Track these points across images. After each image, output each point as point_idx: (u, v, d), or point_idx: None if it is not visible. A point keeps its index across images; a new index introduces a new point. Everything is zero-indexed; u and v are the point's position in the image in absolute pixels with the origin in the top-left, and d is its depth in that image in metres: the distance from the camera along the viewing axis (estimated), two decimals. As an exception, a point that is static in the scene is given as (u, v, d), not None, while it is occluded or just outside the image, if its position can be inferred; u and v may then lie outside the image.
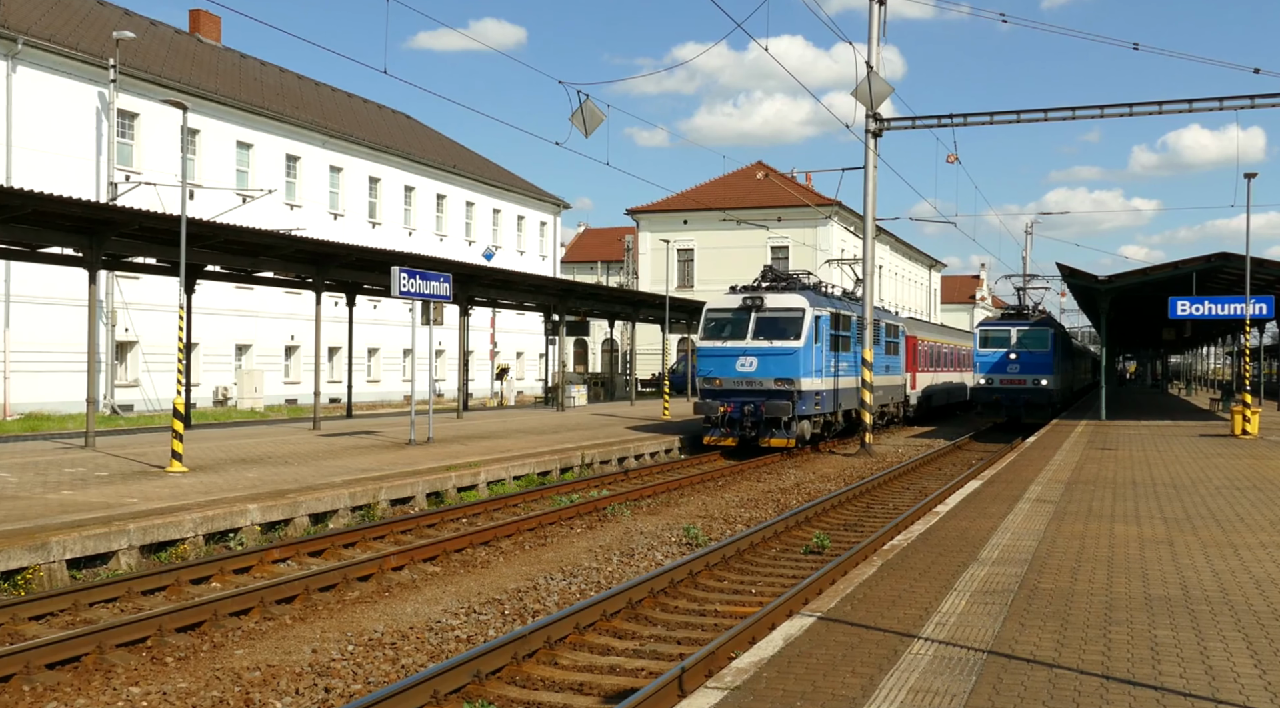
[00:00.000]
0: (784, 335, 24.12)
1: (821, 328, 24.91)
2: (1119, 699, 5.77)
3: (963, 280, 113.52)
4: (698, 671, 7.48)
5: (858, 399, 27.17)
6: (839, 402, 26.81)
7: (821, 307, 25.28)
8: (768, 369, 24.00)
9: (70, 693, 7.51)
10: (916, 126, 28.11)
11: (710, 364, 24.63)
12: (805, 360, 24.12)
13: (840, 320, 26.60)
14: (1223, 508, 13.53)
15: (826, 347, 25.30)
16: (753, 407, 23.89)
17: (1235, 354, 56.36)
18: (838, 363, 26.16)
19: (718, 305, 25.35)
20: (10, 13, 34.04)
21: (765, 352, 24.07)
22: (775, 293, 25.02)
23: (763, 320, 24.44)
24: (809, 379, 24.28)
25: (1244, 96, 25.75)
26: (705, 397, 24.64)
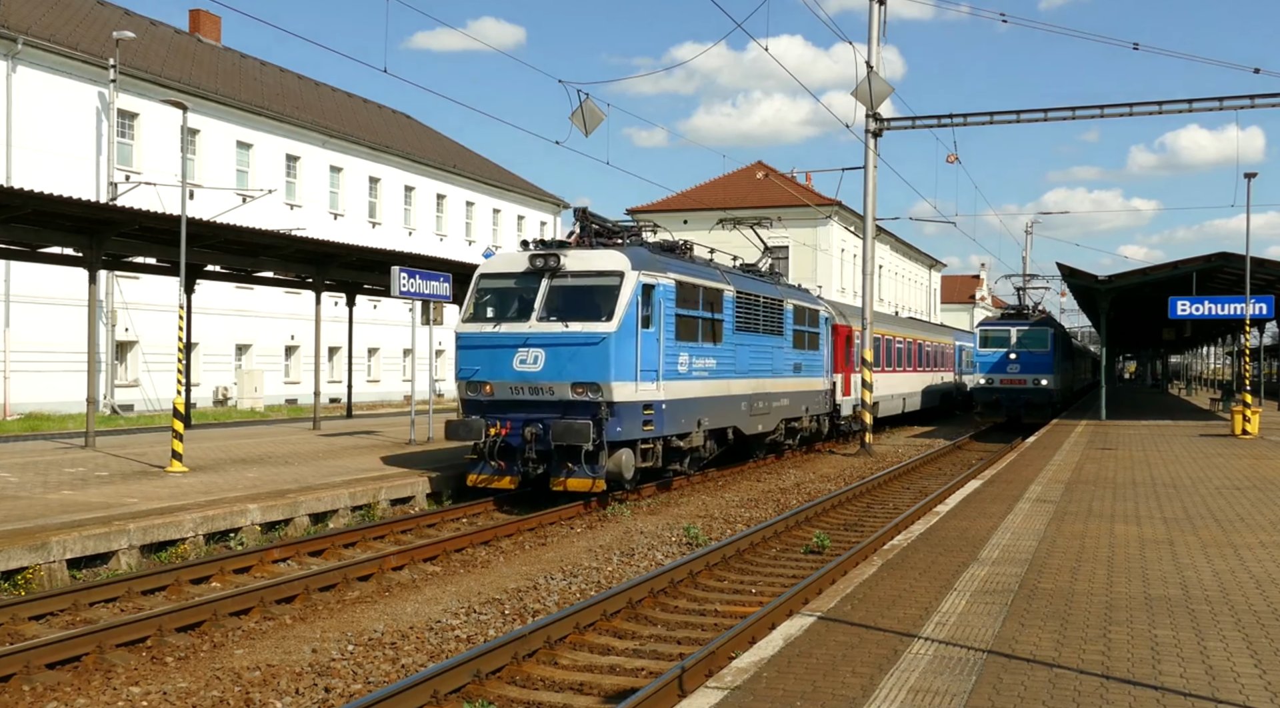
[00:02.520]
0: (589, 314, 15.47)
1: (657, 304, 16.27)
2: (1119, 699, 5.77)
3: (963, 280, 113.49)
4: (698, 670, 7.48)
5: (746, 411, 20.50)
6: (698, 417, 17.95)
7: (656, 270, 16.40)
8: (560, 368, 15.32)
9: (70, 693, 7.51)
10: (916, 126, 28.12)
11: (474, 361, 15.90)
12: (622, 353, 15.36)
13: (698, 295, 17.96)
14: (1223, 508, 13.53)
15: (668, 333, 16.68)
16: (539, 428, 15.39)
17: (1235, 354, 56.36)
18: (695, 358, 17.77)
19: (494, 269, 16.55)
20: (10, 13, 34.03)
21: (557, 340, 15.35)
22: (584, 249, 16.48)
23: (559, 291, 15.77)
24: (628, 384, 15.45)
25: (1244, 96, 25.76)
26: (469, 410, 16.09)
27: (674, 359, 16.95)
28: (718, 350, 18.90)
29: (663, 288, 16.56)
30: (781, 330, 22.76)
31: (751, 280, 21.67)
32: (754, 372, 20.75)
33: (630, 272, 15.72)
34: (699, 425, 18.06)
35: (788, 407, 23.29)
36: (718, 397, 18.93)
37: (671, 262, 17.45)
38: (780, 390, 22.61)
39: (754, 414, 20.90)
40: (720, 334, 19.04)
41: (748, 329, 20.46)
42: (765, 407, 21.56)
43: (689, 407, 17.61)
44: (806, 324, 24.81)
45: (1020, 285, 43.41)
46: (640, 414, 15.83)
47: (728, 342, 19.36)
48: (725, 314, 19.27)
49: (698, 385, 17.98)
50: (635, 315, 15.63)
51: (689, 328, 17.66)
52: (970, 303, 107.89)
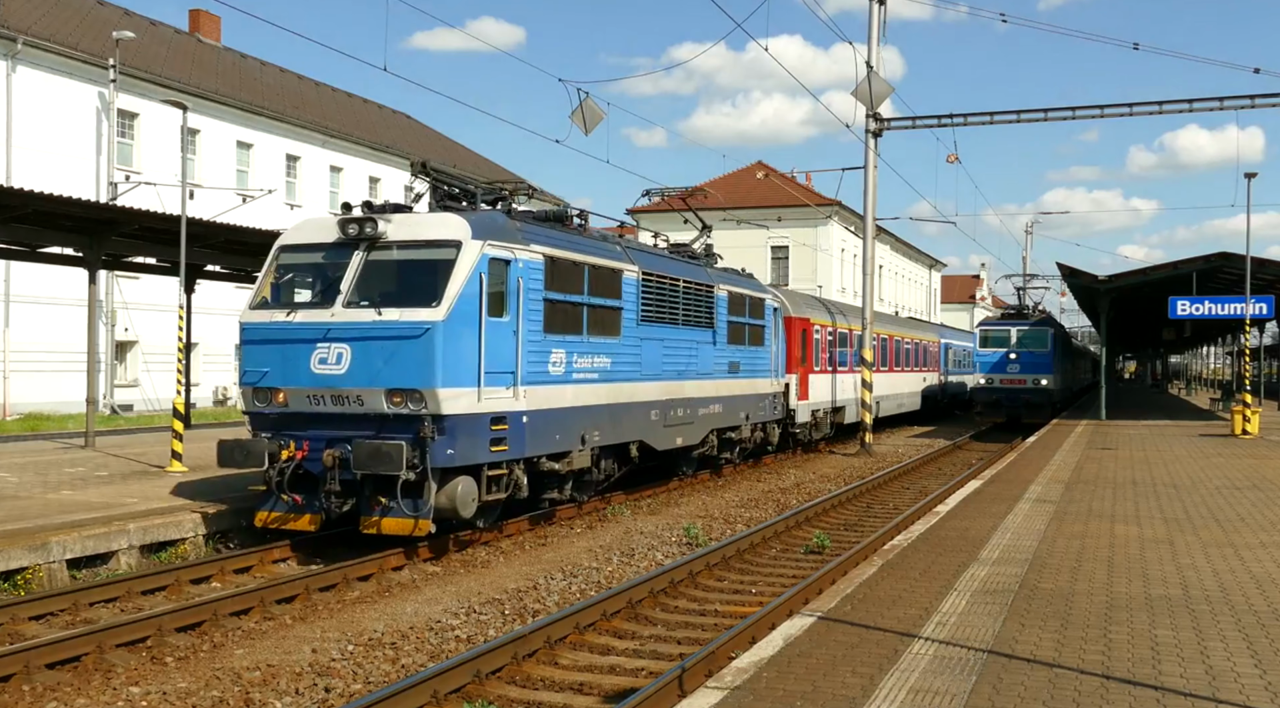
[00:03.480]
0: (411, 297, 11.82)
1: (514, 285, 12.52)
2: (1119, 699, 5.76)
3: (963, 280, 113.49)
4: (698, 670, 7.47)
5: (658, 421, 16.61)
6: (582, 431, 14.25)
7: (512, 241, 12.64)
8: (371, 370, 11.54)
9: (70, 693, 7.50)
10: (916, 126, 28.13)
11: (262, 360, 12.10)
12: (454, 350, 11.59)
13: (582, 276, 14.18)
14: (1223, 508, 13.53)
15: (533, 323, 12.95)
16: (344, 450, 11.61)
17: (1235, 354, 56.37)
18: (578, 357, 14.08)
19: (298, 239, 12.77)
20: (10, 13, 34.04)
21: (367, 332, 11.55)
22: (415, 213, 12.91)
23: (377, 268, 12.15)
24: (464, 391, 11.69)
25: (1244, 96, 25.77)
26: (256, 426, 12.41)
27: (542, 358, 13.11)
28: (614, 347, 15.03)
29: (524, 265, 12.66)
30: (711, 323, 18.98)
31: (666, 260, 17.66)
32: (669, 373, 16.97)
33: (470, 241, 11.82)
34: (583, 442, 14.24)
35: (720, 414, 19.43)
36: (613, 404, 15.00)
37: (540, 231, 13.50)
38: (708, 395, 18.82)
39: (670, 425, 17.08)
40: (618, 326, 15.19)
41: (660, 320, 16.57)
42: (686, 415, 17.76)
43: (567, 419, 13.72)
44: (748, 315, 21.01)
45: (1020, 285, 43.43)
46: (486, 431, 11.99)
47: (629, 336, 15.52)
48: (626, 301, 15.36)
49: (582, 392, 14.12)
50: (477, 300, 11.75)
51: (567, 318, 13.76)
52: (970, 303, 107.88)
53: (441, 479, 11.63)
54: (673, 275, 17.38)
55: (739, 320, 20.52)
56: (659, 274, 16.81)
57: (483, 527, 12.93)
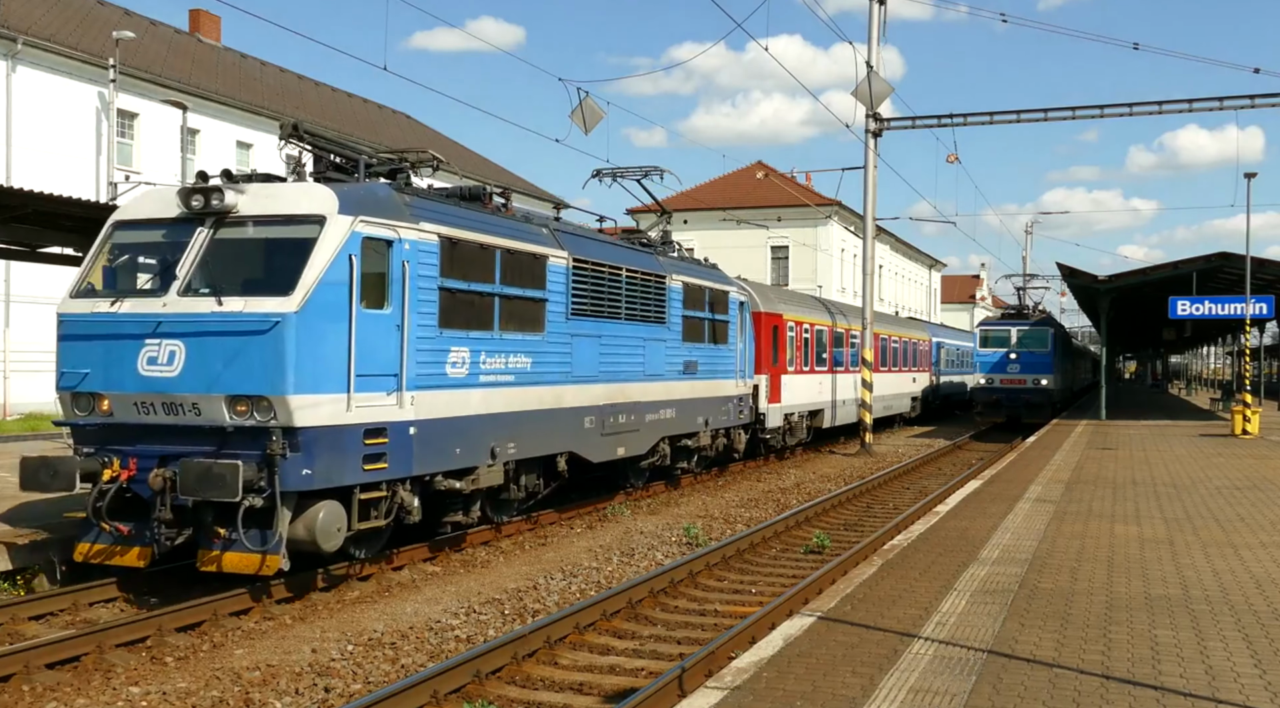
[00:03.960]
0: (262, 284, 9.96)
1: (398, 270, 10.65)
2: (1119, 699, 5.77)
3: (963, 280, 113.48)
4: (698, 670, 7.48)
5: (594, 428, 14.73)
6: (493, 442, 12.28)
7: (397, 218, 10.76)
8: (209, 372, 9.61)
9: (70, 693, 7.51)
10: (916, 126, 28.14)
11: (82, 359, 10.08)
12: (312, 348, 9.69)
13: (493, 261, 12.28)
14: (1223, 508, 13.53)
15: (425, 316, 11.04)
16: (174, 470, 9.56)
17: (1235, 354, 56.37)
18: (486, 356, 12.15)
19: (135, 214, 10.76)
20: (10, 13, 34.04)
21: (204, 326, 9.66)
22: (274, 183, 10.77)
23: (223, 249, 10.13)
24: (327, 397, 9.80)
25: (1244, 96, 25.78)
26: (76, 439, 10.40)
27: (437, 358, 11.20)
28: (536, 344, 13.07)
29: (413, 246, 10.77)
30: (663, 317, 16.84)
31: (606, 246, 15.55)
32: (608, 374, 14.98)
33: (337, 217, 9.89)
34: (493, 455, 12.17)
35: (673, 420, 17.37)
36: (534, 411, 13.00)
37: (436, 208, 11.47)
38: (658, 398, 16.75)
39: (609, 433, 15.07)
40: (541, 321, 13.22)
41: (597, 314, 14.60)
42: (630, 421, 15.75)
43: (471, 429, 11.72)
44: (708, 310, 18.94)
45: (1020, 285, 43.44)
46: (358, 445, 10.05)
47: (557, 332, 13.53)
48: (553, 292, 13.39)
49: (492, 397, 12.13)
50: (346, 288, 9.88)
51: (473, 310, 11.79)
52: (970, 303, 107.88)
53: (298, 505, 9.64)
54: (613, 263, 15.18)
55: (697, 315, 18.39)
56: (595, 262, 14.61)
57: (363, 558, 10.97)
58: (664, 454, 17.41)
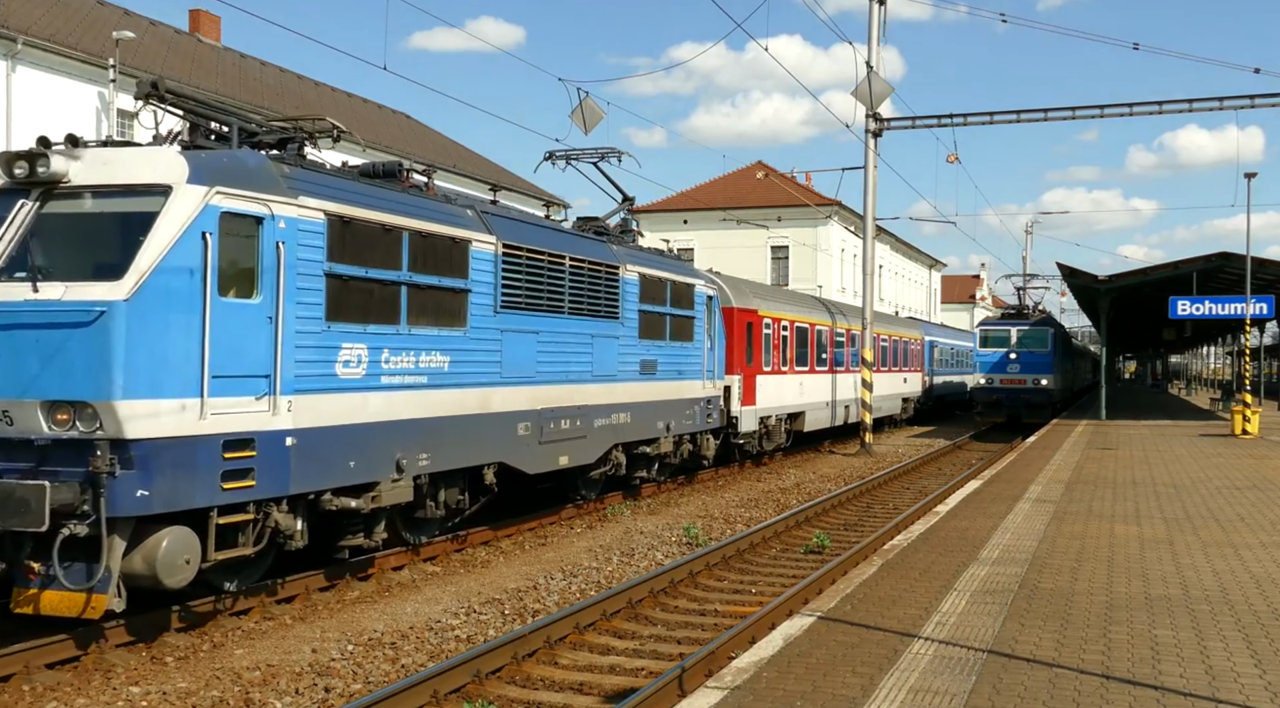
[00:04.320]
0: (89, 267, 8.41)
1: (270, 251, 9.18)
2: (1119, 699, 5.77)
3: (963, 280, 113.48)
4: (698, 670, 7.48)
5: (530, 436, 13.13)
6: (400, 454, 10.73)
7: (263, 189, 9.19)
8: (22, 373, 8.06)
9: (70, 693, 7.51)
10: (916, 126, 28.14)
11: None
12: (149, 343, 8.16)
13: (399, 246, 10.72)
14: (1223, 508, 13.53)
15: (307, 307, 9.56)
16: None
17: (1235, 354, 56.38)
18: (391, 354, 10.60)
19: None
20: (10, 13, 34.06)
21: (15, 317, 8.11)
22: (116, 149, 9.07)
23: (52, 224, 8.55)
24: (167, 403, 8.22)
25: (1244, 96, 25.79)
26: None
27: (324, 355, 9.60)
28: (456, 341, 11.47)
29: (290, 225, 9.26)
30: (615, 312, 15.23)
31: (545, 232, 13.91)
32: (548, 375, 13.44)
33: (186, 187, 8.43)
34: (400, 468, 10.56)
35: (628, 425, 15.76)
36: (453, 417, 11.44)
37: (323, 181, 9.86)
38: (610, 401, 15.15)
39: (549, 441, 13.51)
40: (463, 314, 11.61)
41: (534, 308, 13.02)
42: (575, 427, 14.18)
43: (369, 438, 10.13)
44: (669, 305, 17.16)
45: (1020, 285, 43.45)
46: (216, 460, 8.54)
47: (483, 327, 11.96)
48: (478, 282, 11.83)
49: (398, 400, 10.54)
50: (196, 271, 8.41)
51: (372, 301, 10.22)
52: (970, 303, 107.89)
53: (136, 533, 8.13)
54: (554, 251, 13.57)
55: (656, 310, 16.63)
56: (531, 249, 13.00)
57: (236, 591, 9.50)
58: (618, 463, 15.76)
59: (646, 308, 16.32)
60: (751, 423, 21.75)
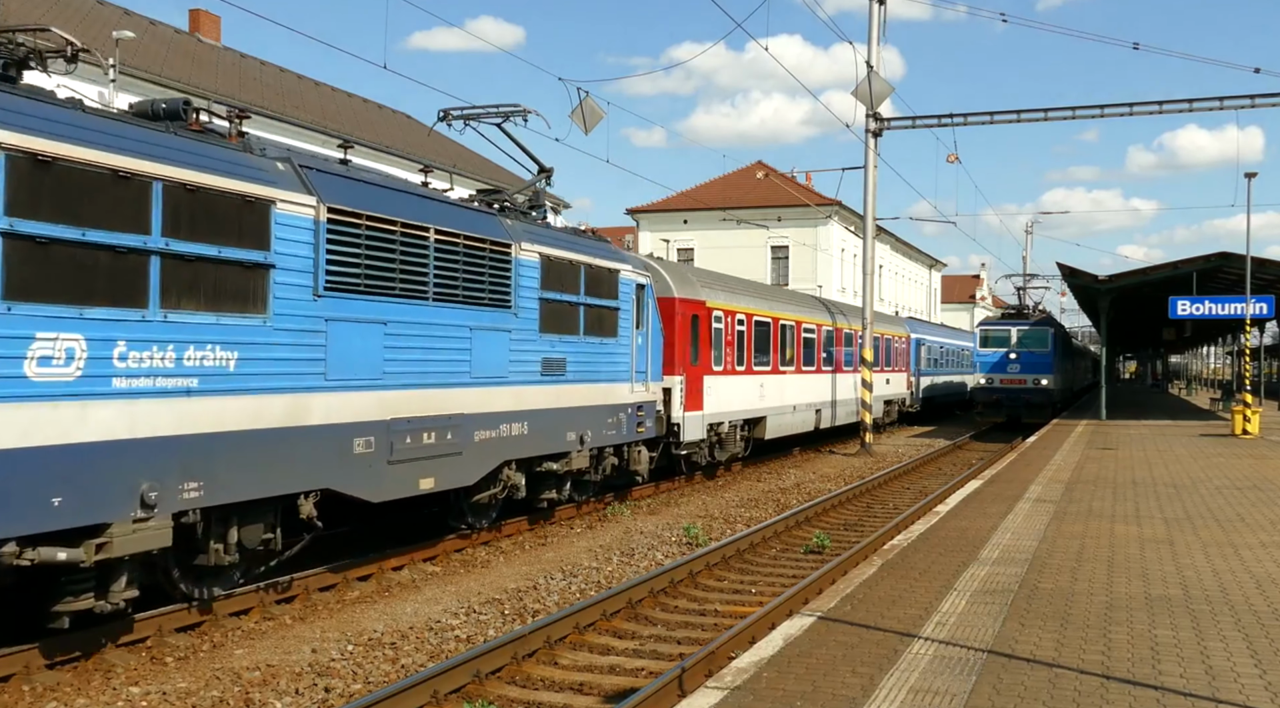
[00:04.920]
0: None
1: None
2: (1119, 699, 5.77)
3: (963, 280, 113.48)
4: (698, 670, 7.48)
5: (371, 453, 10.46)
6: (126, 486, 7.84)
7: None
8: None
9: (70, 693, 7.50)
10: (916, 126, 28.14)
11: None
12: None
13: (130, 197, 8.00)
14: (1223, 508, 13.53)
15: None
16: None
17: (1235, 354, 56.37)
18: (124, 348, 7.92)
19: None
20: (10, 13, 34.06)
21: None
22: None
23: None
24: None
25: (1244, 96, 25.80)
26: None
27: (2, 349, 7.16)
28: (250, 332, 9.01)
29: None
30: (506, 300, 12.69)
31: (397, 197, 11.19)
32: (402, 376, 10.83)
33: None
34: (148, 503, 8.02)
35: (524, 437, 13.12)
36: (245, 433, 8.86)
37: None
38: (497, 409, 12.53)
39: (402, 459, 10.82)
40: (263, 297, 9.16)
41: (377, 291, 10.45)
42: (444, 441, 11.52)
43: (89, 463, 7.62)
44: (584, 293, 14.56)
45: (1020, 285, 43.46)
46: None
47: (295, 314, 9.48)
48: (285, 255, 9.38)
49: (143, 411, 8.04)
50: None
51: (96, 277, 7.79)
52: (970, 303, 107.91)
53: None
54: (411, 222, 11.00)
55: (565, 299, 14.06)
56: (375, 217, 10.43)
57: None
58: (512, 484, 13.16)
59: (551, 296, 13.68)
60: (697, 431, 19.15)
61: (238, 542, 9.12)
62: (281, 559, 9.80)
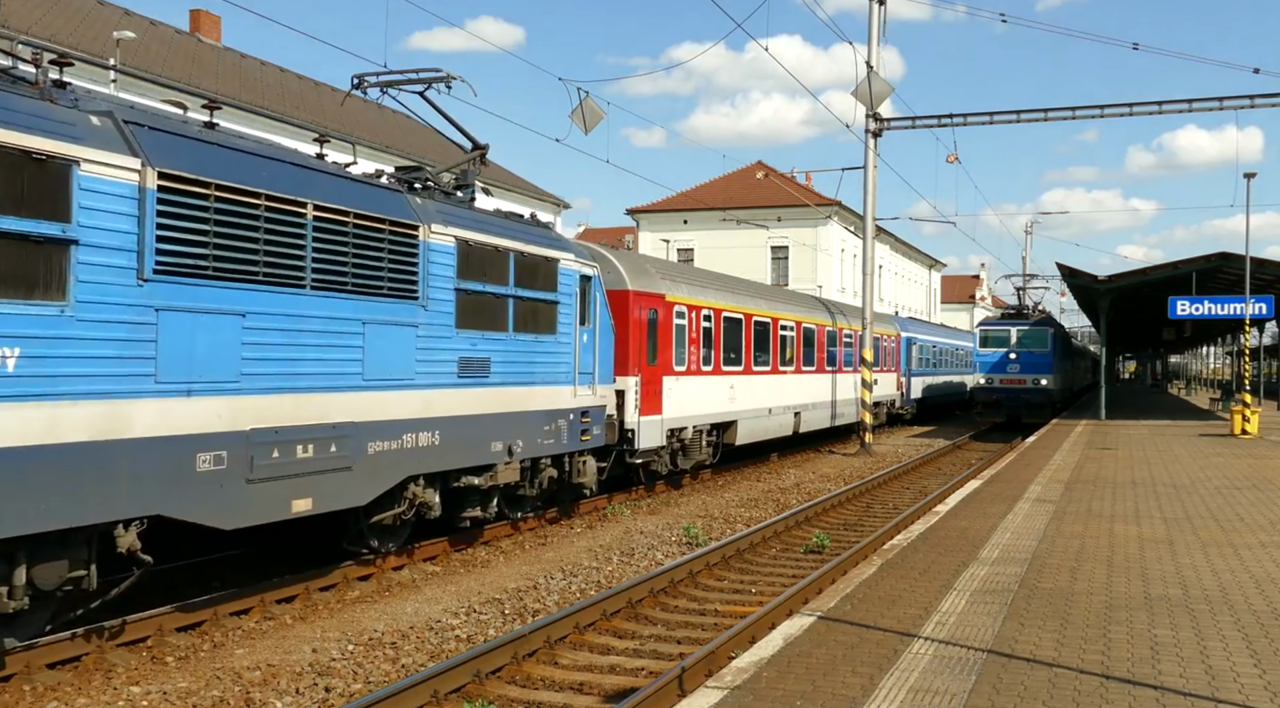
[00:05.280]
0: None
1: None
2: (1119, 699, 5.77)
3: (963, 280, 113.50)
4: (698, 670, 7.48)
5: (221, 470, 8.60)
6: None
7: None
8: None
9: (70, 693, 7.51)
10: (916, 126, 28.15)
11: None
12: None
13: None
14: (1222, 508, 13.54)
15: None
16: None
17: (1235, 354, 56.38)
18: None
19: None
20: (10, 13, 34.07)
21: None
22: None
23: None
24: None
25: (1244, 96, 25.81)
26: None
27: None
28: (35, 323, 7.25)
29: None
30: (412, 290, 10.93)
31: (265, 165, 9.49)
32: (263, 377, 9.13)
33: None
34: None
35: (436, 448, 11.29)
36: (19, 450, 7.06)
37: None
38: (400, 416, 10.77)
39: (265, 478, 9.07)
40: (60, 282, 7.47)
41: (230, 276, 8.76)
42: (324, 456, 9.75)
43: None
44: (515, 284, 12.77)
45: (1020, 285, 43.47)
46: None
47: (107, 301, 7.76)
48: (92, 228, 7.65)
49: None
50: None
51: None
52: (970, 303, 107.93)
53: None
54: (283, 196, 9.35)
55: (490, 291, 12.26)
56: (227, 187, 8.76)
57: None
58: (423, 503, 11.31)
59: (471, 286, 11.86)
60: (655, 437, 17.31)
61: (32, 580, 7.35)
62: (106, 600, 8.20)
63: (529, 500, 13.98)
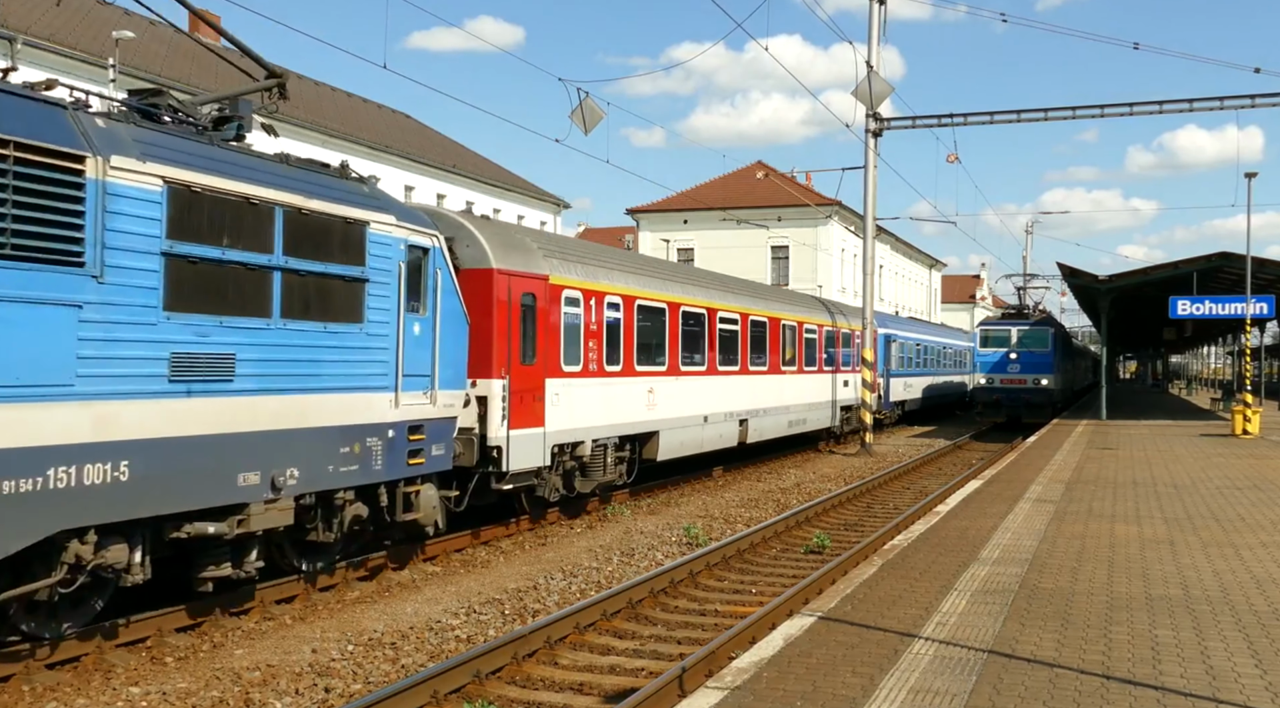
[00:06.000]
0: None
1: None
2: (1119, 699, 5.76)
3: (963, 280, 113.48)
4: (698, 670, 7.48)
5: None
6: None
7: None
8: None
9: (70, 693, 7.50)
10: (916, 126, 28.15)
11: None
12: None
13: None
14: (1223, 508, 13.53)
15: None
16: None
17: (1236, 354, 56.37)
18: None
19: None
20: (10, 12, 34.06)
21: None
22: None
23: None
24: None
25: (1244, 96, 25.83)
26: None
27: None
28: None
29: None
30: (75, 253, 7.46)
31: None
32: None
33: None
34: None
35: (120, 489, 7.64)
36: None
37: None
38: (30, 442, 7.01)
39: None
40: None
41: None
42: None
43: None
44: (285, 252, 9.24)
45: (1020, 285, 43.45)
46: None
47: None
48: None
49: None
50: None
51: None
52: (970, 303, 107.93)
53: None
54: None
55: (239, 261, 8.78)
56: None
57: None
58: (105, 565, 7.78)
59: (195, 251, 8.39)
60: (532, 455, 13.69)
61: None
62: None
63: (329, 548, 10.45)
